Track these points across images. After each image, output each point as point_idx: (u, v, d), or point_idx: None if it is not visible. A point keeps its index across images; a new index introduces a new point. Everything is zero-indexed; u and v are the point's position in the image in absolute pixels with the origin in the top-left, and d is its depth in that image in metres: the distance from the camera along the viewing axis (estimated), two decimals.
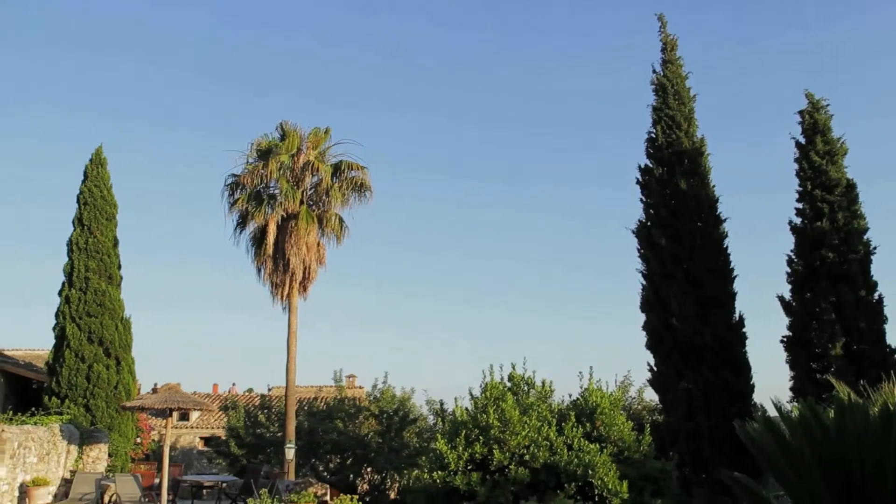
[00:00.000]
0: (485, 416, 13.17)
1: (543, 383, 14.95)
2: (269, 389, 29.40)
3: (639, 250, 19.54)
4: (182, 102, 70.41)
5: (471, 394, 14.64)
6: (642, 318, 19.03)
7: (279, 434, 21.78)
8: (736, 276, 18.73)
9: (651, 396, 21.26)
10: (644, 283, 19.27)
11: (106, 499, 16.28)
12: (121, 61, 65.27)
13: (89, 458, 18.56)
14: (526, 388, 14.83)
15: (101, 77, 65.13)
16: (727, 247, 18.95)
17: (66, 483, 17.14)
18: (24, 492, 14.75)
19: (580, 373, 14.70)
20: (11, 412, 19.04)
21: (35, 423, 16.72)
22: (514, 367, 14.99)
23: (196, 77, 68.47)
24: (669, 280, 18.41)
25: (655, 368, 18.66)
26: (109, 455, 19.60)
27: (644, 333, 18.90)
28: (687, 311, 17.78)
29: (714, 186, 19.41)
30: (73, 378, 20.36)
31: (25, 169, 69.15)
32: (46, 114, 64.89)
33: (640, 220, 19.69)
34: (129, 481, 16.40)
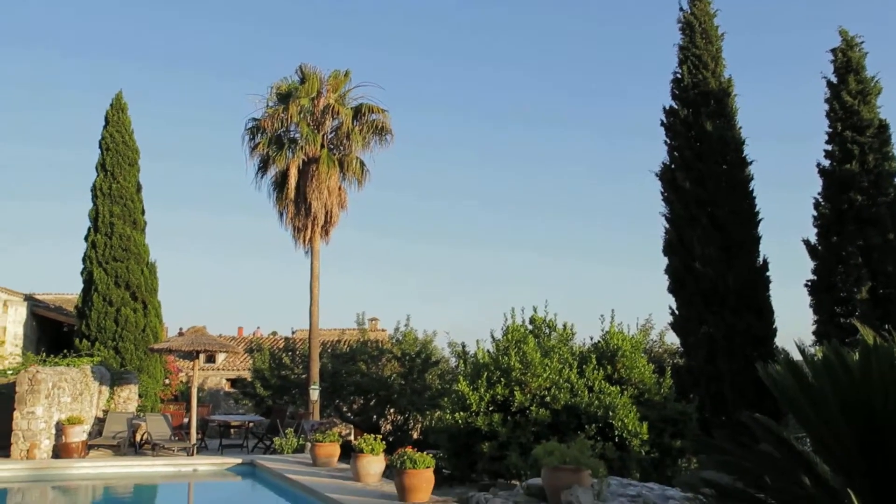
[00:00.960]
0: (506, 359, 13.29)
1: (565, 326, 15.03)
2: (293, 332, 29.78)
3: (662, 193, 19.35)
4: (200, 45, 69.88)
5: (492, 336, 14.77)
6: (664, 262, 18.97)
7: (303, 376, 22.20)
8: (761, 220, 18.54)
9: (672, 340, 21.36)
10: (667, 226, 19.13)
11: (138, 437, 16.76)
12: (138, 3, 64.68)
13: (120, 399, 19.06)
14: (547, 330, 14.92)
15: (118, 21, 64.65)
16: (753, 190, 18.71)
17: (100, 422, 17.65)
18: (60, 430, 15.22)
19: (601, 316, 14.75)
20: (45, 354, 19.54)
21: (67, 365, 17.15)
22: (535, 311, 15.07)
23: (215, 20, 67.77)
24: (693, 223, 18.26)
25: (677, 312, 18.67)
26: (140, 396, 20.11)
27: (666, 277, 18.86)
28: (710, 254, 17.67)
29: (741, 128, 19.07)
30: (102, 321, 20.79)
31: (49, 112, 69.38)
32: (64, 56, 64.72)
33: (663, 163, 19.44)
34: (160, 420, 16.84)
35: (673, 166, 19.16)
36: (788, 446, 5.44)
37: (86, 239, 21.60)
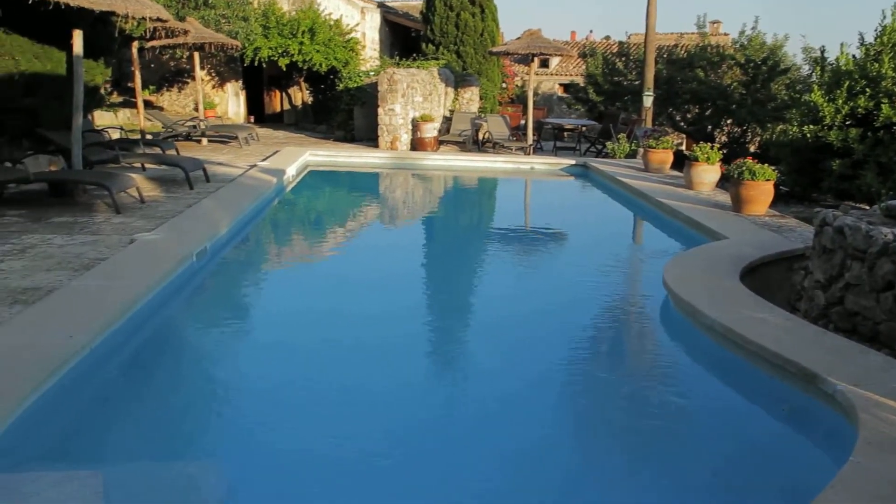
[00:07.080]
0: (876, 66, 11.49)
1: None
2: (628, 36, 28.55)
3: None
4: None
5: (861, 39, 12.71)
6: None
7: (636, 82, 21.63)
8: None
9: None
10: None
11: (480, 135, 18.12)
12: None
13: (463, 100, 20.50)
14: None
15: None
16: None
17: (447, 121, 19.34)
18: (415, 126, 17.03)
19: None
20: (398, 57, 21.36)
21: (418, 67, 18.60)
22: None
23: None
24: None
25: None
26: (480, 98, 21.40)
27: None
28: None
29: None
30: (444, 26, 21.79)
31: None
32: None
33: None
34: (499, 121, 17.93)
35: None
36: None
37: None
